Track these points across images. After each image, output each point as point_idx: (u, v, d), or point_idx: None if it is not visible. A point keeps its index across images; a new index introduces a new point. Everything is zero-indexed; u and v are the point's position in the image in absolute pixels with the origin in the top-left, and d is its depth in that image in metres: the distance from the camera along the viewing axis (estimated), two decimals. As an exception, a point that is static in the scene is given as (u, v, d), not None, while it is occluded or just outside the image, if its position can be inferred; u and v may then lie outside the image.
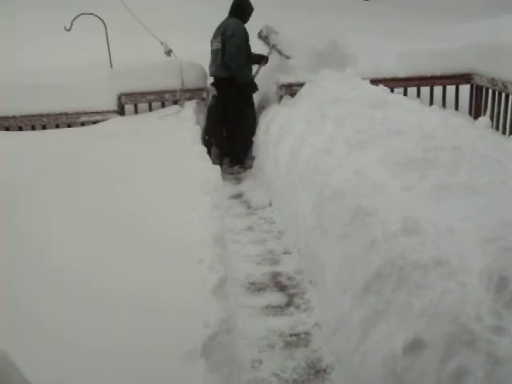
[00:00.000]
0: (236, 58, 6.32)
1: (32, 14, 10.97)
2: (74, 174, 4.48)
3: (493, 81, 5.98)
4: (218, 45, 6.44)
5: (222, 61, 6.41)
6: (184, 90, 6.67)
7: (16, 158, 4.91)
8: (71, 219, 3.72)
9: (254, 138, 6.63)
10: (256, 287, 4.00)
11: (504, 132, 5.80)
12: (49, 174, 4.52)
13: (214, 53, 6.56)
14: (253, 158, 6.56)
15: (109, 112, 6.56)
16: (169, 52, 6.73)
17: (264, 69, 6.79)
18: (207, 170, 4.49)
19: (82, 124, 6.55)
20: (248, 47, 6.52)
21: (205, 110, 6.96)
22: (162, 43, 6.73)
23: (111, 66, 6.82)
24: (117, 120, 6.45)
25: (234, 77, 6.41)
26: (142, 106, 6.85)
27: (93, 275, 3.02)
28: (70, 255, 3.22)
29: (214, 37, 6.54)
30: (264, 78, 6.69)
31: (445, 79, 6.46)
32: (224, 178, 4.80)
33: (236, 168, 6.74)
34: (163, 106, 6.86)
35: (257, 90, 6.62)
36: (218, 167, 4.61)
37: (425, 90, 6.56)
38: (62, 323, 2.62)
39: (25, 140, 5.87)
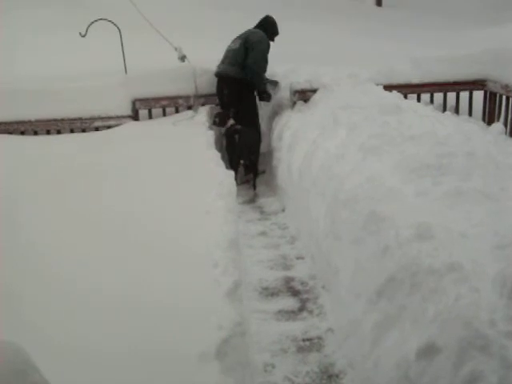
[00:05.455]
0: (259, 64, 6.37)
1: (42, 13, 11.06)
2: (87, 177, 4.52)
3: (506, 87, 5.97)
4: (236, 46, 6.46)
5: (234, 60, 6.43)
6: (198, 96, 6.71)
7: (30, 161, 4.96)
8: (84, 222, 3.74)
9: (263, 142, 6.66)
10: (269, 292, 4.01)
11: (517, 138, 5.77)
12: (62, 177, 4.56)
13: (227, 52, 6.58)
14: (266, 163, 6.57)
15: (123, 117, 6.58)
16: (183, 58, 6.75)
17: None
18: (221, 174, 4.50)
19: (97, 129, 6.57)
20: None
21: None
22: (176, 49, 6.76)
23: (126, 72, 6.85)
24: (131, 125, 6.49)
25: (241, 77, 6.43)
26: (156, 111, 6.88)
27: (106, 278, 3.04)
28: (83, 259, 3.23)
29: (234, 39, 6.59)
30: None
31: (458, 85, 6.45)
32: (237, 183, 4.81)
33: (250, 175, 6.74)
34: (177, 111, 6.89)
35: (270, 100, 6.64)
36: (231, 172, 4.62)
37: (438, 95, 6.55)
38: (71, 328, 2.64)
39: (39, 143, 5.93)
